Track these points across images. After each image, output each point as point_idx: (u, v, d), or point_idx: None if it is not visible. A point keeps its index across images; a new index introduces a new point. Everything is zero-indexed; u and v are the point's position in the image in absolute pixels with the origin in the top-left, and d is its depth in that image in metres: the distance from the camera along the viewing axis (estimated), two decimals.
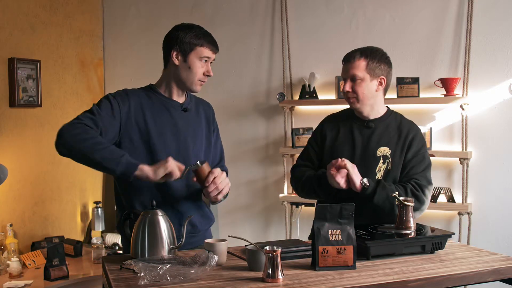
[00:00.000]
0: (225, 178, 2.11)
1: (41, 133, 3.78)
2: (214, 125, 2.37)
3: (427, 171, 2.29)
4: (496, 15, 3.28)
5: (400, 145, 2.28)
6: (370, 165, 2.26)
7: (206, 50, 2.16)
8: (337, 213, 1.82)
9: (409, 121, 2.38)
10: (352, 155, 2.29)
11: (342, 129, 2.36)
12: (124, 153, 2.00)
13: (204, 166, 2.05)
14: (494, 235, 3.30)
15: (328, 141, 2.37)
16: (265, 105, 3.94)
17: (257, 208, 3.94)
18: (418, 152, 2.28)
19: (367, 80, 2.25)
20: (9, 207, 3.54)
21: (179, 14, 4.10)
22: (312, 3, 3.79)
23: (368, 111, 2.32)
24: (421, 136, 2.35)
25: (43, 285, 3.07)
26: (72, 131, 2.00)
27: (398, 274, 1.74)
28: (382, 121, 2.33)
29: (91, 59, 4.27)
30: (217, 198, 2.09)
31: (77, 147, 1.99)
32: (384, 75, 2.29)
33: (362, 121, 2.34)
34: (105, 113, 2.09)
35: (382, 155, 2.27)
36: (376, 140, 2.29)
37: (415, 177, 2.24)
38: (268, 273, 1.66)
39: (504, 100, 3.26)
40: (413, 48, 3.49)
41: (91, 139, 1.98)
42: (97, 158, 1.97)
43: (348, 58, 2.29)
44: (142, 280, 1.61)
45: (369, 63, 2.24)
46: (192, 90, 2.21)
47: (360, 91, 2.25)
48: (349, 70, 2.26)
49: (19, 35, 3.65)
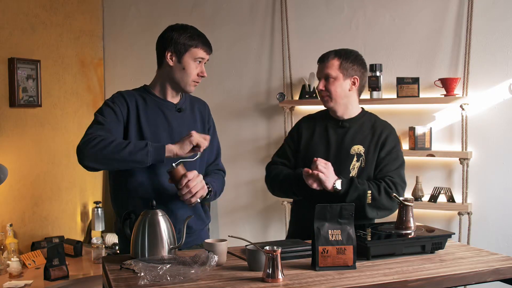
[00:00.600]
0: (201, 181, 2.09)
1: (41, 133, 3.78)
2: (210, 123, 2.37)
3: (401, 169, 2.34)
4: (496, 15, 3.28)
5: (373, 143, 2.34)
6: (344, 162, 2.32)
7: (201, 51, 2.17)
8: (337, 213, 1.82)
9: (384, 121, 2.44)
10: (326, 153, 2.35)
11: (317, 129, 2.42)
12: (147, 142, 2.03)
13: (179, 168, 2.05)
14: (494, 235, 3.30)
15: (304, 140, 2.43)
16: (265, 105, 3.94)
17: (257, 208, 3.93)
18: (392, 151, 2.34)
19: (340, 79, 2.31)
20: (9, 207, 3.54)
21: (179, 14, 4.10)
22: (312, 3, 3.79)
23: (342, 110, 2.38)
24: (395, 135, 2.41)
25: (43, 285, 3.07)
26: (90, 144, 2.00)
27: (398, 274, 1.74)
28: (356, 120, 2.39)
29: (91, 59, 4.27)
30: (190, 201, 2.07)
31: (102, 155, 1.99)
32: (357, 76, 2.35)
33: (336, 121, 2.40)
34: (110, 119, 2.11)
35: (356, 153, 2.33)
36: (350, 138, 2.35)
37: (389, 174, 2.29)
38: (268, 273, 1.66)
39: (504, 100, 3.26)
40: (413, 48, 3.49)
41: (111, 143, 2.00)
42: (126, 155, 1.99)
43: (322, 59, 2.36)
44: (142, 280, 1.61)
45: (342, 62, 2.31)
46: (186, 90, 2.22)
47: (333, 90, 2.32)
48: (323, 69, 2.33)
49: (19, 35, 3.65)
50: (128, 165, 2.05)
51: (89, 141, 2.00)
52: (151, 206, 1.92)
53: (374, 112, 2.48)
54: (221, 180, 2.34)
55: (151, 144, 2.01)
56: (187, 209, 2.18)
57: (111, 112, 2.12)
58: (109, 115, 2.11)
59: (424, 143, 3.35)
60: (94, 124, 2.09)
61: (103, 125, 2.08)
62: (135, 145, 2.01)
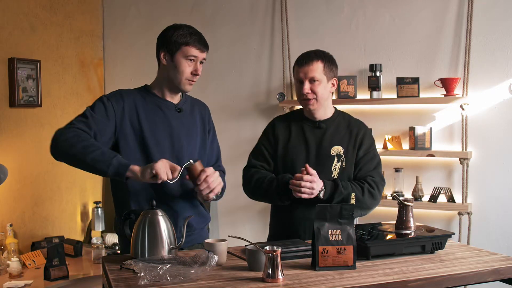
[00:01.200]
0: (218, 177, 2.10)
1: (41, 133, 3.78)
2: (210, 125, 2.37)
3: (379, 167, 2.39)
4: (496, 15, 3.28)
5: (352, 143, 2.36)
6: (326, 164, 2.33)
7: (193, 49, 2.16)
8: (337, 213, 1.82)
9: (358, 120, 2.46)
10: (306, 155, 2.35)
11: (293, 130, 2.41)
12: (116, 155, 2.00)
13: (196, 164, 2.05)
14: (494, 235, 3.30)
15: (281, 142, 2.41)
16: (265, 105, 3.94)
17: (257, 208, 3.93)
18: (369, 150, 2.38)
19: (324, 82, 2.32)
20: (9, 207, 3.54)
21: (179, 14, 4.10)
22: (312, 3, 3.79)
23: (321, 112, 2.39)
24: (370, 134, 2.45)
25: (43, 285, 3.07)
26: (65, 136, 2.01)
27: (398, 274, 1.74)
28: (332, 121, 2.40)
29: (91, 59, 4.27)
30: (208, 196, 2.08)
31: (70, 152, 2.00)
32: (336, 77, 2.38)
33: (312, 122, 2.40)
34: (99, 115, 2.11)
35: (336, 153, 2.34)
36: (328, 139, 2.36)
37: (369, 174, 2.33)
38: (268, 273, 1.66)
39: (504, 100, 3.26)
40: (413, 48, 3.49)
41: (82, 142, 1.99)
42: (89, 160, 1.97)
43: (305, 61, 2.33)
44: (142, 280, 1.61)
45: (325, 65, 2.32)
46: (182, 89, 2.22)
47: (319, 92, 2.31)
48: (308, 72, 2.31)
49: (19, 35, 3.65)
50: (90, 170, 2.02)
51: (66, 132, 2.02)
52: (151, 206, 1.92)
53: (375, 112, 2.48)
54: (224, 179, 2.34)
55: (117, 158, 1.98)
56: (187, 208, 2.18)
57: (102, 108, 2.13)
58: (99, 111, 2.12)
59: (424, 143, 3.35)
60: (80, 117, 2.11)
61: (87, 119, 2.08)
62: (103, 153, 1.98)
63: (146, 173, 1.95)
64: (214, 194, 2.09)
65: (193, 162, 2.04)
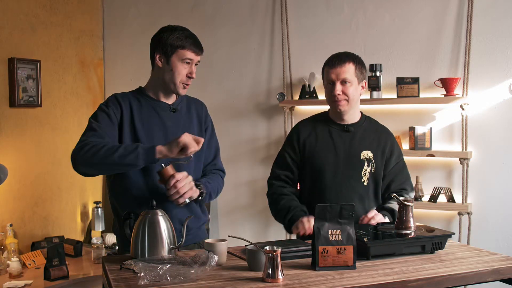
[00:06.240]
0: (190, 182, 2.09)
1: (41, 133, 3.78)
2: (207, 123, 2.37)
3: (409, 176, 2.45)
4: (496, 15, 3.28)
5: (380, 149, 2.36)
6: (356, 168, 2.33)
7: (188, 52, 2.17)
8: (337, 213, 1.82)
9: (384, 127, 2.47)
10: (336, 159, 2.33)
11: (320, 134, 2.38)
12: (137, 144, 2.02)
13: (168, 168, 2.05)
14: (494, 235, 3.30)
15: (307, 148, 2.38)
16: (265, 105, 3.94)
17: (257, 208, 3.93)
18: (399, 159, 2.41)
19: (355, 84, 2.31)
20: (9, 207, 3.54)
21: (179, 14, 4.10)
22: (312, 3, 3.79)
23: (350, 115, 2.37)
24: (396, 142, 2.47)
25: (43, 285, 3.07)
26: (83, 151, 2.02)
27: (398, 274, 1.74)
28: (360, 125, 2.39)
29: (91, 59, 4.27)
30: (178, 201, 2.07)
31: (95, 161, 2.00)
32: (365, 80, 2.38)
33: (340, 125, 2.38)
34: (105, 124, 2.12)
35: (366, 158, 2.34)
36: (357, 144, 2.35)
37: (403, 186, 2.38)
38: (268, 273, 1.66)
39: (504, 100, 3.27)
40: (413, 48, 3.49)
41: (102, 148, 2.01)
42: (116, 159, 1.98)
43: (337, 62, 2.31)
44: (142, 280, 1.61)
45: (357, 67, 2.31)
46: (176, 92, 2.22)
47: (351, 94, 2.30)
48: (340, 73, 2.29)
49: (19, 35, 3.65)
50: (121, 168, 2.05)
51: (81, 147, 2.02)
52: (151, 206, 1.92)
53: (374, 112, 2.49)
54: (218, 180, 2.33)
55: (141, 146, 2.00)
56: (183, 208, 2.18)
57: (105, 116, 2.14)
58: (103, 119, 2.13)
59: (424, 143, 3.35)
60: (88, 131, 2.11)
61: (96, 131, 2.09)
62: (125, 149, 2.00)
63: (173, 148, 1.97)
64: (185, 199, 2.08)
65: (164, 166, 2.04)
